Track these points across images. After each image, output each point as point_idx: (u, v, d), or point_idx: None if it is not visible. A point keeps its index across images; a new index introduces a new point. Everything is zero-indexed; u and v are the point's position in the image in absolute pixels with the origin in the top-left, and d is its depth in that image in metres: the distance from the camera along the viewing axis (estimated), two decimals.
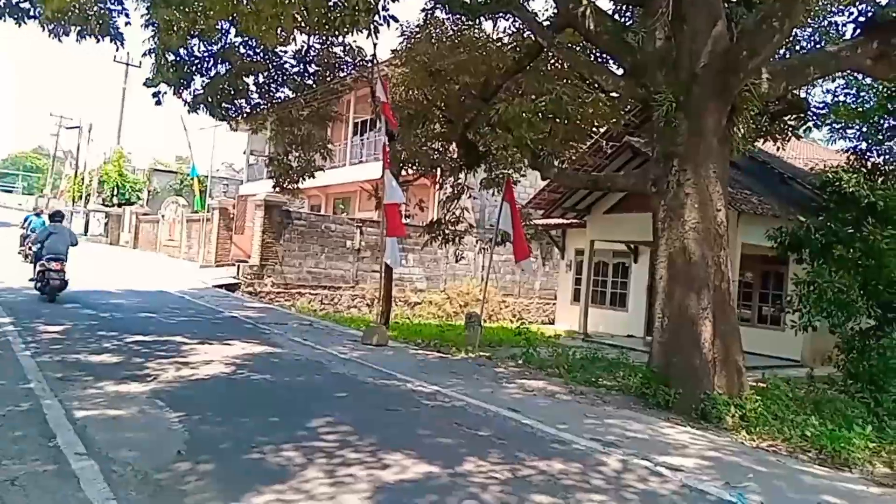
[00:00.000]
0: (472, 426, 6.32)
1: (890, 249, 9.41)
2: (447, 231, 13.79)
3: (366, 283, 19.79)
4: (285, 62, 14.00)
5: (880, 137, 10.36)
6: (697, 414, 7.77)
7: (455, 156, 13.64)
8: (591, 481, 4.97)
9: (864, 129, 10.27)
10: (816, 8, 9.29)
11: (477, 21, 10.08)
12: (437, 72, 11.31)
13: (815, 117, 11.58)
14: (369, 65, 12.64)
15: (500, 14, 9.97)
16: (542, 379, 9.37)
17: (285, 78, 14.15)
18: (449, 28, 11.31)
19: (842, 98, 11.24)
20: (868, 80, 10.69)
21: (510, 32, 10.59)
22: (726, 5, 8.68)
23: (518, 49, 10.41)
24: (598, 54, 9.80)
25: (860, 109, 10.76)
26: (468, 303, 20.41)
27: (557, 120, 9.71)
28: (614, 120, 10.72)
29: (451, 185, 14.20)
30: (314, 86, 14.21)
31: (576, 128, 9.87)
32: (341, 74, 14.46)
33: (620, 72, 9.03)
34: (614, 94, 9.68)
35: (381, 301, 15.31)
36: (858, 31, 8.46)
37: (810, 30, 10.42)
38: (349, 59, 13.82)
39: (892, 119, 10.12)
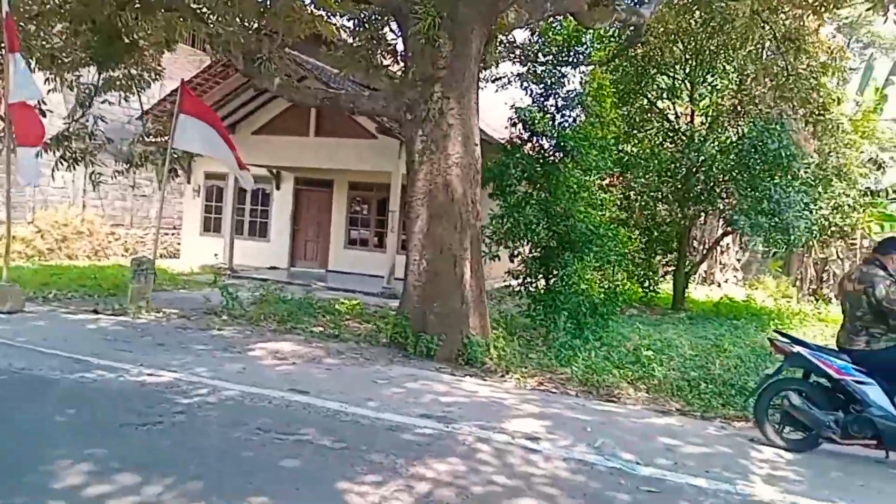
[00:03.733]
0: (280, 428, 4.64)
1: (563, 183, 10.37)
2: (74, 148, 10.21)
3: None
4: None
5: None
6: (463, 360, 7.40)
7: (83, 45, 10.01)
8: (493, 477, 4.04)
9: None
10: None
11: None
12: None
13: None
14: None
15: None
16: (281, 339, 7.77)
17: None
18: None
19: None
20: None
21: None
22: None
23: None
24: None
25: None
26: (67, 237, 16.09)
27: (277, 16, 7.76)
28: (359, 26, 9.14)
29: (75, 84, 10.49)
30: None
31: (301, 27, 8.04)
32: None
33: None
34: None
35: None
36: None
37: None
38: None
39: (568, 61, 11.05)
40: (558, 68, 10.95)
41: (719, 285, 21.67)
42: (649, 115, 15.76)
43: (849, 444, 5.05)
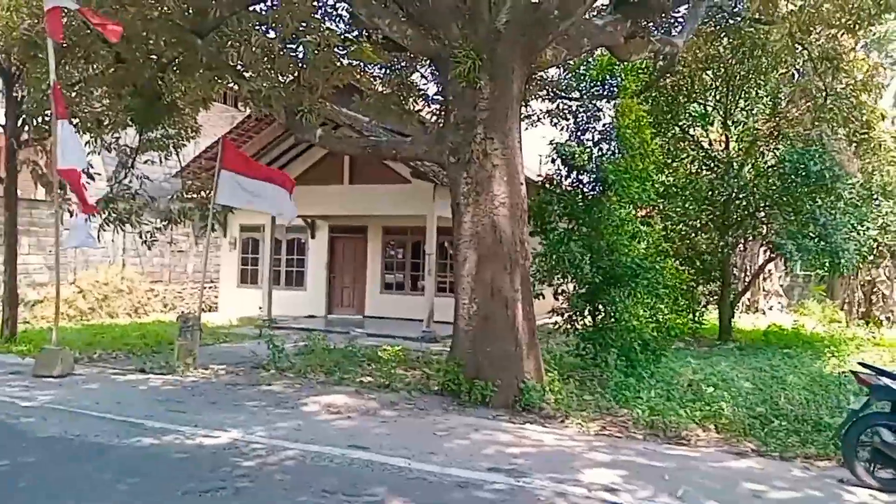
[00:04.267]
0: (346, 489, 4.44)
1: (605, 217, 10.18)
2: (120, 209, 10.34)
3: None
4: None
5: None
6: (520, 406, 7.15)
7: (124, 108, 10.22)
8: None
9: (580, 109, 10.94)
10: None
11: None
12: None
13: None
14: None
15: None
16: (331, 391, 7.61)
17: None
18: None
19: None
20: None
21: None
22: None
23: None
24: None
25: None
26: (107, 295, 16.25)
27: (317, 68, 7.81)
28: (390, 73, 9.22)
29: (114, 146, 10.71)
30: None
31: (341, 78, 8.08)
32: None
33: (405, 19, 7.59)
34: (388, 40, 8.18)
35: (6, 305, 11.09)
36: (613, 7, 8.68)
37: None
38: None
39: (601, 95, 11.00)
40: (593, 102, 10.87)
41: (764, 313, 21.07)
42: (683, 143, 15.58)
43: None
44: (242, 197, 9.66)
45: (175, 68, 9.22)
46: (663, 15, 10.50)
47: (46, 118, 11.38)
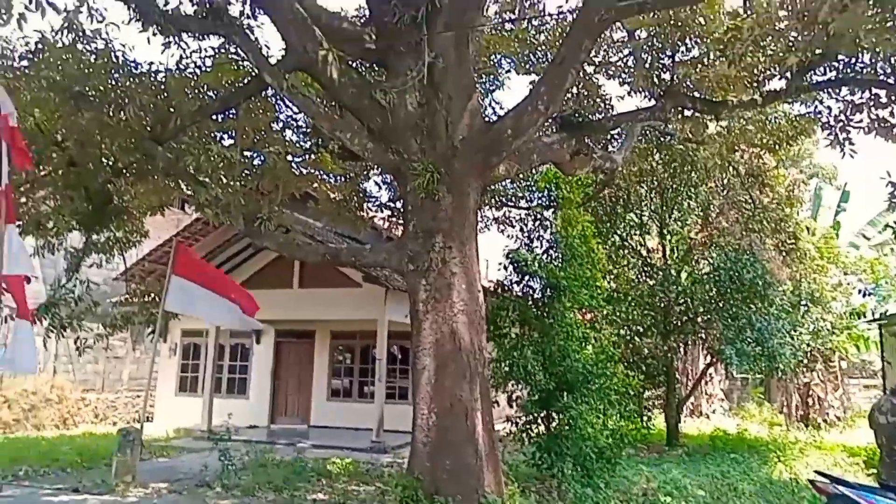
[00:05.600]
0: None
1: (557, 322, 10.36)
2: (61, 316, 9.89)
3: None
4: None
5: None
6: None
7: (72, 212, 10.02)
8: None
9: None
10: None
11: (175, 38, 7.59)
12: (80, 95, 8.16)
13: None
14: None
15: (213, 35, 7.74)
16: None
17: None
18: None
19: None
20: None
21: (223, 58, 8.27)
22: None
23: (226, 83, 8.24)
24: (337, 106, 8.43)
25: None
26: (35, 405, 15.21)
27: (276, 176, 7.95)
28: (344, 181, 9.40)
29: (58, 248, 10.39)
30: None
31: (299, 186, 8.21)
32: None
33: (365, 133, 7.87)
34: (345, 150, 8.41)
35: None
36: (559, 126, 9.24)
37: None
38: None
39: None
40: (539, 211, 11.34)
41: (707, 416, 21.36)
42: (623, 251, 16.24)
43: None
44: (193, 305, 9.42)
45: (129, 173, 9.19)
46: (604, 134, 11.26)
47: None
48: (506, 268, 10.55)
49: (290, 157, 7.97)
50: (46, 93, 8.20)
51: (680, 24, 9.02)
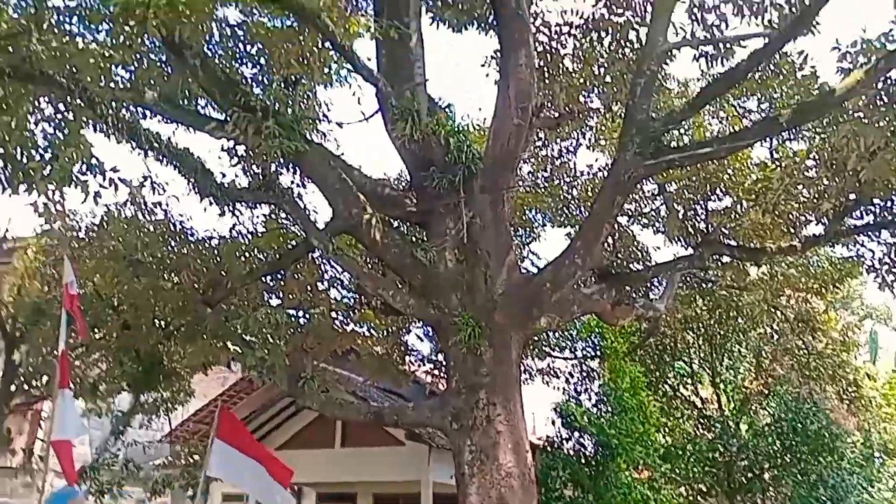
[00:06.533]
0: None
1: (612, 484, 9.82)
2: (101, 480, 9.82)
3: None
4: None
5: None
6: None
7: (122, 374, 10.27)
8: None
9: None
10: None
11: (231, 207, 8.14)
12: (138, 263, 8.65)
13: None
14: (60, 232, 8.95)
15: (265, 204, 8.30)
16: None
17: None
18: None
19: None
20: None
21: (273, 224, 8.79)
22: None
23: (276, 247, 8.68)
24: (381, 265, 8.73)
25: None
26: None
27: (320, 335, 8.08)
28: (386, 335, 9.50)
29: (109, 414, 10.55)
30: None
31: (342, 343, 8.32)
32: None
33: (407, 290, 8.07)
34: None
35: None
36: (598, 277, 9.31)
37: None
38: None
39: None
40: (584, 362, 11.16)
41: None
42: (675, 402, 15.63)
43: None
44: (234, 473, 9.20)
45: (179, 335, 9.46)
46: (643, 283, 11.29)
47: (40, 385, 11.35)
48: (553, 422, 10.25)
49: (334, 315, 8.10)
50: (107, 261, 8.74)
51: (708, 175, 9.31)
